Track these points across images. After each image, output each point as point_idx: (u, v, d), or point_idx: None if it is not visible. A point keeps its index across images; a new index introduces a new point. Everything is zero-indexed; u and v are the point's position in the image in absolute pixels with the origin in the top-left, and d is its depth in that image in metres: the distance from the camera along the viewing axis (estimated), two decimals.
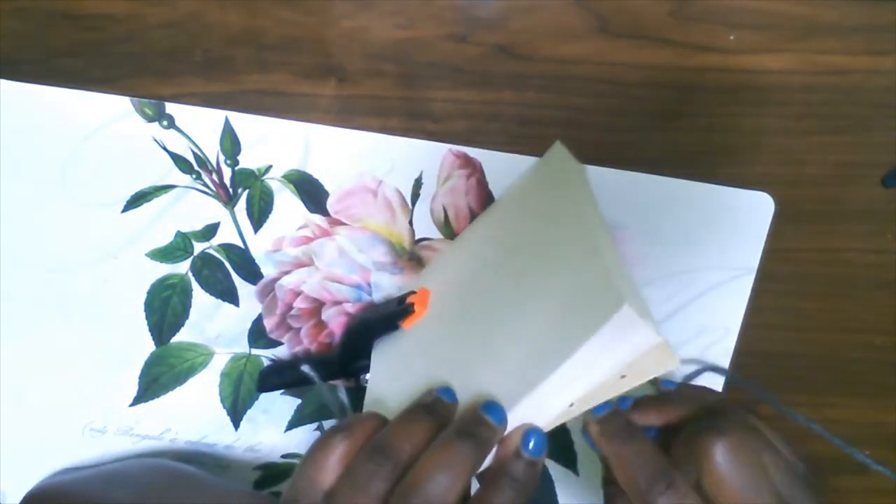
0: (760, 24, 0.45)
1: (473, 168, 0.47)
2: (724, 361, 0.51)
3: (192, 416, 0.52)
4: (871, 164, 0.48)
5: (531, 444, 0.33)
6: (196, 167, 0.47)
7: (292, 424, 0.52)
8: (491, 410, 0.33)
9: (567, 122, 0.47)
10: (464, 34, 0.45)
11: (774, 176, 0.48)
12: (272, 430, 0.52)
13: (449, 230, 0.49)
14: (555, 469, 0.53)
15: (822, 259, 0.50)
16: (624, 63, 0.46)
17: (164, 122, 0.46)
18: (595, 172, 0.47)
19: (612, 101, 0.47)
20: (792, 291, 0.50)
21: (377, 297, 0.50)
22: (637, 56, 0.46)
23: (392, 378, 0.41)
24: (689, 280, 0.50)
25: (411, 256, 0.49)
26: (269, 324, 0.50)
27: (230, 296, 0.50)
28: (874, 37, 0.45)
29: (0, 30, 0.45)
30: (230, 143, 0.47)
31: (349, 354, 0.47)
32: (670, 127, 0.47)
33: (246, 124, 0.46)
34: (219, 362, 0.51)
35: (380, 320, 0.46)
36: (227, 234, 0.49)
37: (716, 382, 0.48)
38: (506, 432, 0.33)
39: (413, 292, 0.46)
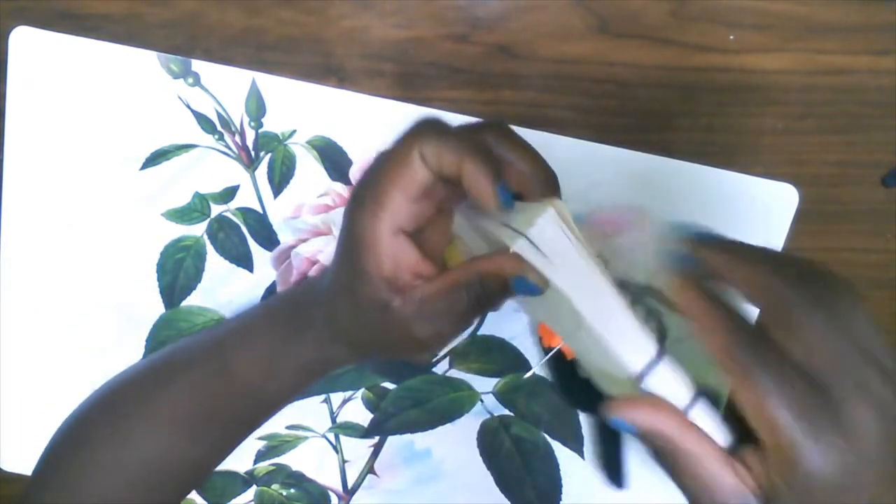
0: (760, 24, 0.45)
1: None
2: None
3: None
4: (871, 164, 0.48)
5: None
6: (219, 127, 0.47)
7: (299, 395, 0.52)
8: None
9: (567, 122, 0.47)
10: (464, 34, 0.45)
11: (774, 176, 0.48)
12: None
13: None
14: (561, 452, 0.53)
15: (821, 259, 0.50)
16: (624, 63, 0.46)
17: (190, 80, 0.46)
18: (621, 155, 0.47)
19: (612, 101, 0.47)
20: None
21: None
22: (637, 56, 0.46)
23: None
24: None
25: None
26: None
27: (245, 261, 0.49)
28: (874, 37, 0.45)
29: (1, 30, 0.45)
30: (255, 105, 0.46)
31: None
32: (670, 127, 0.47)
33: (273, 87, 0.46)
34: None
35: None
36: (245, 198, 0.48)
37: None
38: None
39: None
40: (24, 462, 0.51)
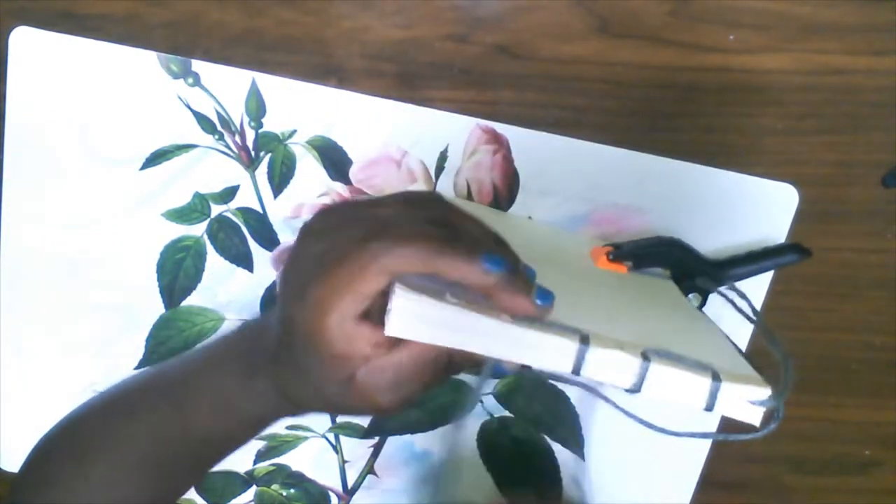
0: (760, 24, 0.45)
1: (500, 144, 0.47)
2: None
3: None
4: (871, 164, 0.48)
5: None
6: (219, 128, 0.47)
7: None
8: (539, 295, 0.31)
9: (567, 122, 0.47)
10: (464, 34, 0.45)
11: (774, 176, 0.48)
12: None
13: None
14: (561, 453, 0.53)
15: (821, 259, 0.50)
16: (624, 63, 0.46)
17: (190, 80, 0.46)
18: (621, 155, 0.47)
19: (612, 101, 0.47)
20: (792, 291, 0.50)
21: None
22: (637, 56, 0.46)
23: None
24: None
25: None
26: None
27: (245, 261, 0.49)
28: (874, 37, 0.45)
29: (1, 30, 0.45)
30: (256, 105, 0.47)
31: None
32: (670, 127, 0.47)
33: (273, 87, 0.46)
34: (229, 328, 0.50)
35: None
36: (245, 198, 0.48)
37: None
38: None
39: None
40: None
